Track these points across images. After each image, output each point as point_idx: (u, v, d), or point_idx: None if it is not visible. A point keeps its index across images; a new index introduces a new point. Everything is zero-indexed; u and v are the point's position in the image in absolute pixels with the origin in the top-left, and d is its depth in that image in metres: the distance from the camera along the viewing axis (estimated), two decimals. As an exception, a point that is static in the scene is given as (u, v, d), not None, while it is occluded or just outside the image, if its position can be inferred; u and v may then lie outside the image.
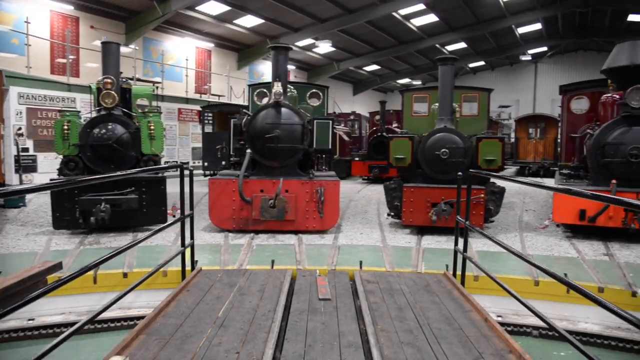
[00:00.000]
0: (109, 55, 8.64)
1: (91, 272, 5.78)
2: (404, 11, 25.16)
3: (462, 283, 5.58)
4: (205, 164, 17.02)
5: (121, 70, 9.04)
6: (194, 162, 21.06)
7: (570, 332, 4.52)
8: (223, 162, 14.85)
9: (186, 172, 5.87)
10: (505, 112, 34.82)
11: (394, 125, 19.61)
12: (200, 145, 18.29)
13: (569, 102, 12.01)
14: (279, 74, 8.64)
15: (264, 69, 30.46)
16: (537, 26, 32.14)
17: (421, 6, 24.40)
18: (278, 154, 8.46)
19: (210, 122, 17.25)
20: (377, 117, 19.90)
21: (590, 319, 5.60)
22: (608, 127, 8.17)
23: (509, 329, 5.47)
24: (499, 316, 5.71)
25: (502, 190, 8.60)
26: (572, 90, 12.07)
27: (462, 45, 33.96)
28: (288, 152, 8.48)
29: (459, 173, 5.82)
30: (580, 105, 12.28)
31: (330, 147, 9.18)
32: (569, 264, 6.68)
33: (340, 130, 19.79)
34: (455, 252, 5.82)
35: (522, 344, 3.97)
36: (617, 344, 5.32)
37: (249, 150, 8.47)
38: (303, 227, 8.30)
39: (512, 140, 25.61)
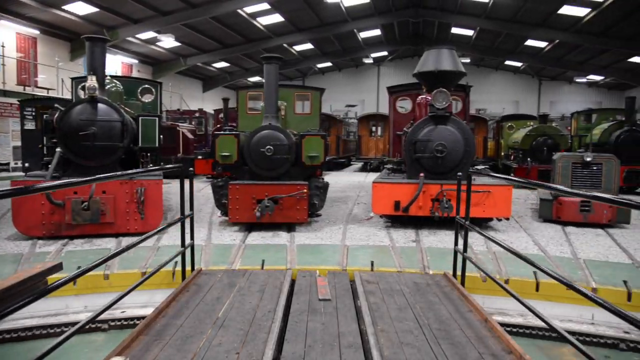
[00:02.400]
0: None
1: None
2: (249, 9, 25.14)
3: (462, 283, 5.57)
4: (27, 164, 15.22)
5: None
6: (15, 163, 18.81)
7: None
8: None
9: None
10: (352, 111, 36.85)
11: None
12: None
13: (395, 102, 12.96)
14: (95, 67, 8.02)
15: (103, 62, 28.12)
16: (377, 32, 34.43)
17: (266, 5, 24.61)
18: (94, 152, 7.87)
19: (32, 118, 15.55)
20: (222, 114, 19.68)
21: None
22: (419, 125, 8.97)
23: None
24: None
25: (326, 185, 8.98)
26: (397, 92, 13.06)
27: (309, 46, 35.08)
28: (106, 150, 7.94)
29: (458, 173, 5.79)
30: (405, 105, 13.39)
31: (157, 145, 8.86)
32: (380, 252, 7.18)
33: (184, 128, 19.21)
34: (455, 252, 5.79)
35: (522, 344, 4.07)
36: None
37: (58, 149, 7.77)
38: (124, 230, 7.82)
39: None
